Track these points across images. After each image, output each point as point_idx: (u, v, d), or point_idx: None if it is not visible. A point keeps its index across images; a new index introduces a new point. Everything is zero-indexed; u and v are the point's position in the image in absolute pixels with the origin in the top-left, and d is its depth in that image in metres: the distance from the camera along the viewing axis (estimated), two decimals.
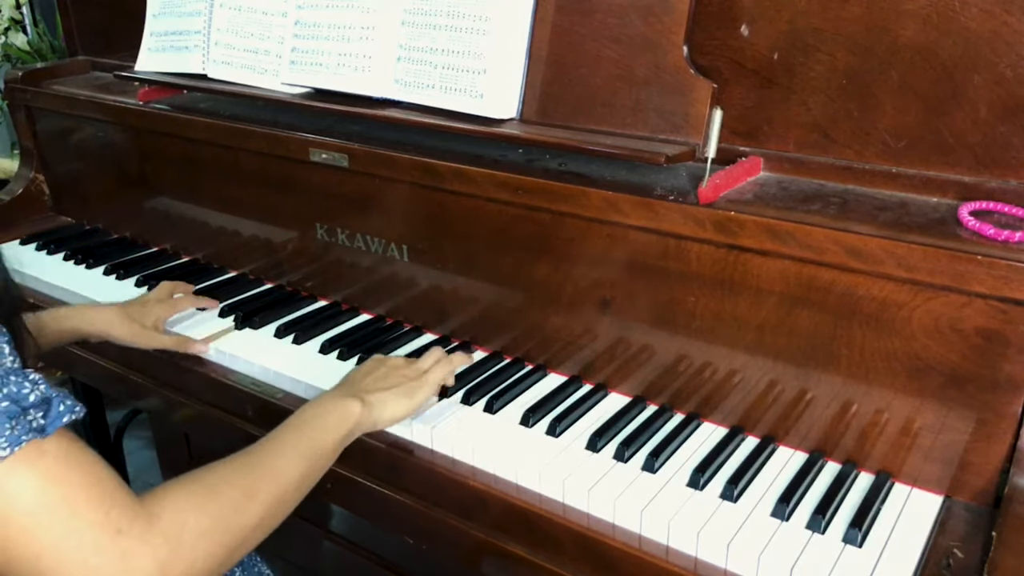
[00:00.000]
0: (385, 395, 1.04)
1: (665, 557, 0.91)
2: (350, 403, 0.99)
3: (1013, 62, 0.92)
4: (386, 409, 1.03)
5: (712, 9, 1.07)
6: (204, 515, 0.77)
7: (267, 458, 0.88)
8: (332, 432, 0.96)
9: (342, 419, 0.98)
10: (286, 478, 0.87)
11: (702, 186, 1.00)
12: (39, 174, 1.89)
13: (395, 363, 1.11)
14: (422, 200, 1.25)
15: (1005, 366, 0.88)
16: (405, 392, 1.06)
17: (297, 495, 0.89)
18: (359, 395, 1.02)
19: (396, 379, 1.07)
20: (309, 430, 0.94)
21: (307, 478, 0.91)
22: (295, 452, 0.90)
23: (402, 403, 1.05)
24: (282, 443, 0.91)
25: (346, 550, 1.94)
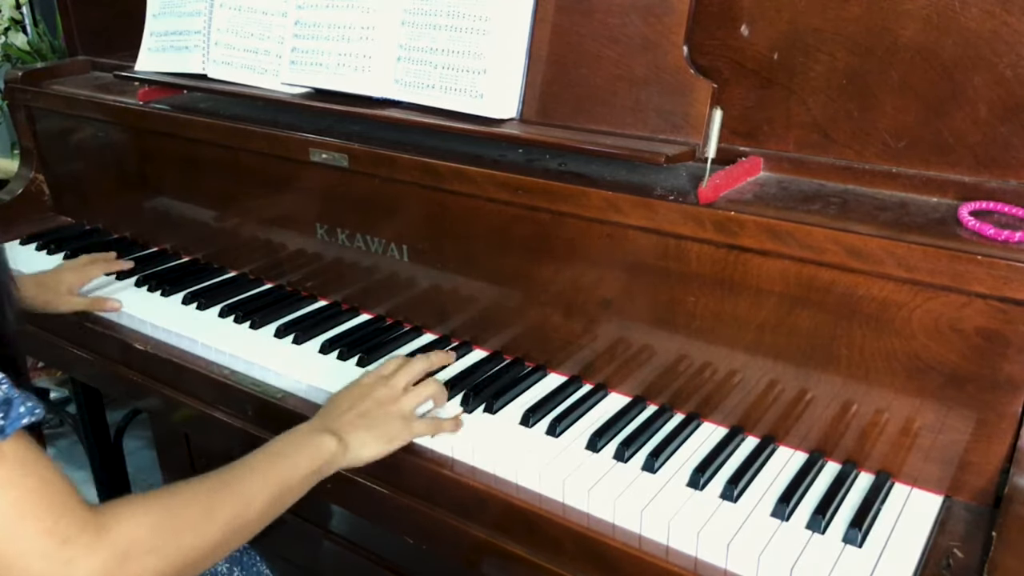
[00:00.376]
0: (365, 436, 1.01)
1: (665, 557, 0.91)
2: (327, 440, 0.98)
3: (1013, 62, 0.92)
4: (364, 450, 1.01)
5: (712, 9, 1.07)
6: (157, 532, 0.77)
7: (234, 483, 0.88)
8: (303, 467, 0.95)
9: (315, 455, 0.96)
10: (250, 505, 0.87)
11: (702, 186, 1.00)
12: (39, 174, 1.89)
13: (382, 395, 1.06)
14: (422, 200, 1.25)
15: (1005, 366, 0.88)
16: (385, 436, 1.03)
17: (259, 524, 0.88)
18: (338, 432, 1.00)
19: (380, 417, 1.04)
20: (281, 461, 0.93)
21: (272, 508, 0.90)
22: (263, 481, 0.89)
23: (380, 446, 1.02)
24: (251, 469, 0.90)
25: (346, 550, 1.94)
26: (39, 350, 1.64)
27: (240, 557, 1.31)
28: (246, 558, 1.32)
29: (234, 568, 1.29)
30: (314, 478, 0.96)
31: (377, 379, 1.09)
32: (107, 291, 1.52)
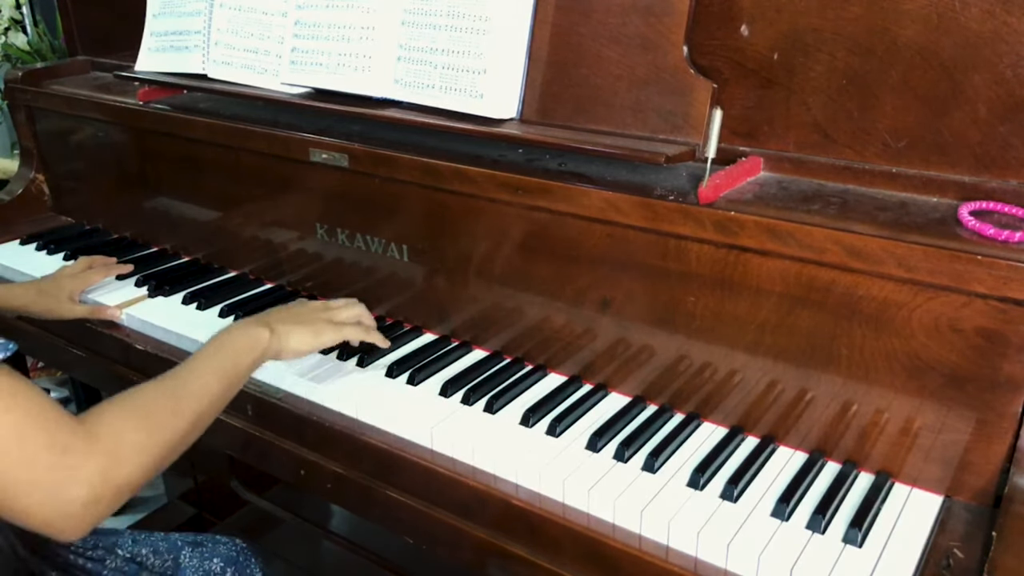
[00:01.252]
0: (293, 328, 1.13)
1: (665, 557, 0.91)
2: (260, 330, 1.09)
3: (1013, 62, 0.92)
4: (290, 340, 1.12)
5: (712, 9, 1.07)
6: (138, 432, 0.87)
7: (190, 381, 0.98)
8: (244, 356, 1.06)
9: (253, 345, 1.07)
10: (207, 398, 0.98)
11: (702, 186, 1.00)
12: (39, 174, 1.89)
13: (314, 306, 1.21)
14: (422, 200, 1.25)
15: (1005, 366, 0.88)
16: (312, 331, 1.14)
17: (214, 412, 1.00)
18: (270, 324, 1.11)
19: (309, 318, 1.16)
20: (225, 355, 1.04)
21: (223, 397, 1.02)
22: (213, 375, 1.00)
23: (307, 339, 1.14)
24: (202, 367, 1.01)
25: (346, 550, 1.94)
26: (39, 350, 1.64)
27: (236, 557, 1.31)
28: (241, 558, 1.32)
29: (228, 568, 1.29)
30: (254, 367, 1.08)
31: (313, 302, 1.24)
32: (107, 291, 1.52)
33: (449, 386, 1.17)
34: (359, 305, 1.26)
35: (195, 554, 1.29)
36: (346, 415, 1.16)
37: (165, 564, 1.27)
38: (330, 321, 1.18)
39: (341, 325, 1.19)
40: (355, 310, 1.25)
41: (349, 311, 1.23)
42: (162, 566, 1.26)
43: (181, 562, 1.28)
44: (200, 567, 1.28)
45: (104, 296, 1.49)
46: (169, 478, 2.32)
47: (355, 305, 1.26)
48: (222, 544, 1.32)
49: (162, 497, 2.43)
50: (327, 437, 1.15)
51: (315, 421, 1.16)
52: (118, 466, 0.84)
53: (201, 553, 1.30)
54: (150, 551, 1.27)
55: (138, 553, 1.26)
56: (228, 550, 1.31)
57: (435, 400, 1.16)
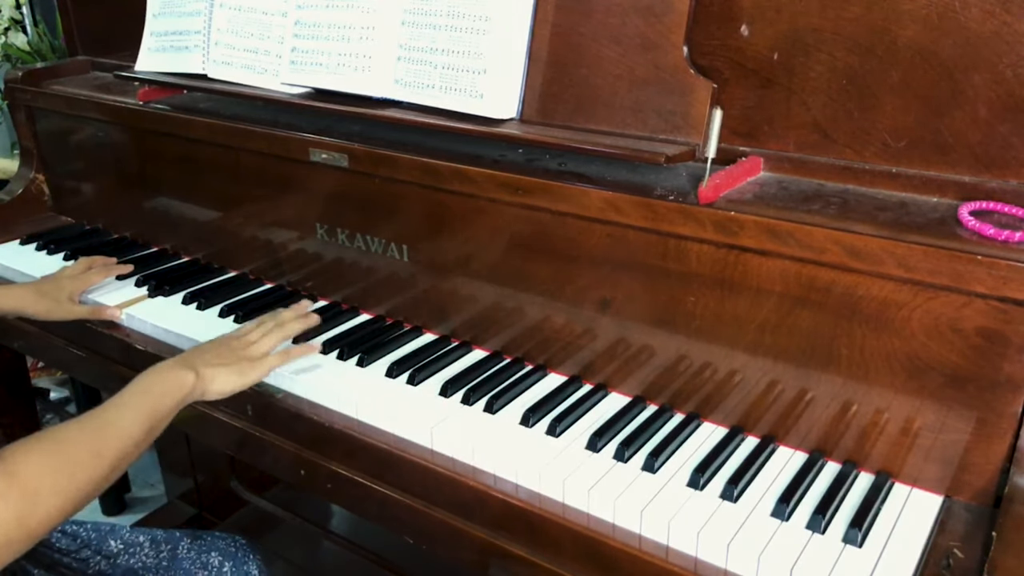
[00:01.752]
0: (218, 369, 1.13)
1: (665, 557, 0.91)
2: (186, 374, 1.09)
3: (1013, 62, 0.92)
4: (215, 382, 1.12)
5: (712, 9, 1.07)
6: (57, 474, 0.87)
7: (115, 421, 0.98)
8: (169, 398, 1.06)
9: (178, 387, 1.07)
10: (130, 439, 0.97)
11: (702, 186, 1.00)
12: (39, 174, 1.89)
13: (233, 345, 1.19)
14: (422, 200, 1.25)
15: (1005, 366, 0.88)
16: (237, 371, 1.14)
17: (137, 453, 0.99)
18: (195, 367, 1.10)
19: (231, 357, 1.16)
20: (150, 396, 1.04)
21: (146, 440, 1.01)
22: (137, 415, 1.00)
23: (232, 379, 1.14)
24: (126, 407, 1.01)
25: (346, 550, 1.94)
26: (39, 350, 1.64)
27: (234, 552, 1.31)
28: (240, 554, 1.32)
29: (226, 562, 1.29)
30: (176, 409, 1.07)
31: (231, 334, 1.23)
32: (107, 291, 1.52)
33: (449, 386, 1.17)
34: (278, 330, 1.24)
35: (193, 547, 1.29)
36: (346, 415, 1.16)
37: (161, 555, 1.27)
38: (252, 358, 1.18)
39: (263, 359, 1.18)
40: (275, 338, 1.22)
41: (269, 340, 1.21)
42: (157, 556, 1.27)
43: (179, 554, 1.28)
44: (198, 559, 1.28)
45: (104, 296, 1.49)
46: (169, 478, 2.32)
47: (274, 332, 1.23)
48: (220, 539, 1.33)
49: (162, 497, 2.43)
50: (327, 437, 1.15)
51: (315, 421, 1.16)
52: (34, 510, 0.84)
53: (199, 547, 1.30)
54: (147, 539, 1.28)
55: (133, 543, 1.26)
56: (227, 545, 1.32)
57: (435, 400, 1.16)
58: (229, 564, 1.29)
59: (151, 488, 2.58)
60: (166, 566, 1.26)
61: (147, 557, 1.26)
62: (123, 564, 1.24)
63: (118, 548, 1.25)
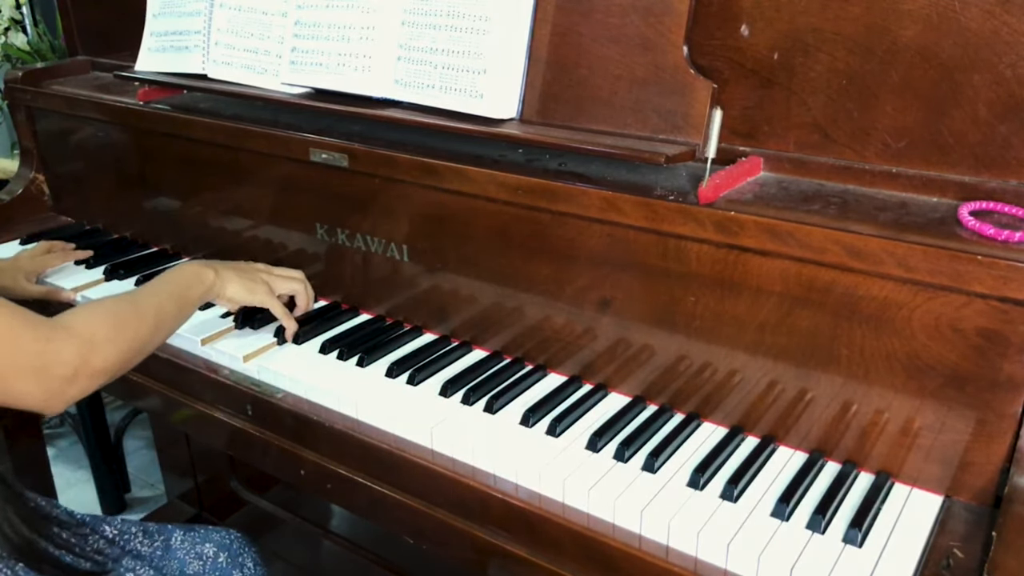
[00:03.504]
0: (234, 277, 1.27)
1: (665, 557, 0.91)
2: (207, 271, 1.25)
3: (1013, 62, 0.92)
4: (227, 287, 1.27)
5: (712, 9, 1.07)
6: (107, 327, 1.05)
7: (151, 297, 1.16)
8: (194, 288, 1.22)
9: (200, 281, 1.23)
10: (162, 313, 1.15)
11: (702, 186, 1.00)
12: (39, 174, 1.89)
13: (259, 266, 1.34)
14: (422, 200, 1.25)
15: (1005, 366, 0.88)
16: (248, 287, 1.28)
17: (169, 329, 1.18)
18: (216, 269, 1.26)
19: (251, 274, 1.30)
20: (177, 282, 1.21)
21: (176, 318, 1.18)
22: (168, 297, 1.18)
23: (241, 292, 1.28)
24: (159, 290, 1.18)
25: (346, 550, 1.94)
26: None
27: (229, 544, 1.31)
28: (236, 546, 1.32)
29: (221, 553, 1.29)
30: (200, 300, 1.24)
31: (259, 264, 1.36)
32: (103, 289, 1.52)
33: (449, 386, 1.17)
34: (300, 282, 1.36)
35: (187, 539, 1.29)
36: (346, 415, 1.16)
37: (155, 544, 1.27)
38: (267, 284, 1.31)
39: (272, 295, 1.31)
40: (294, 284, 1.35)
41: (288, 284, 1.34)
42: (151, 545, 1.27)
43: (172, 544, 1.28)
44: (192, 550, 1.28)
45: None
46: (169, 478, 2.32)
47: (296, 281, 1.36)
48: (215, 532, 1.32)
49: (162, 497, 2.43)
50: (327, 437, 1.15)
51: (315, 421, 1.16)
52: (92, 351, 1.01)
53: (192, 538, 1.29)
54: (139, 530, 1.28)
55: (126, 531, 1.26)
56: (222, 538, 1.31)
57: (435, 400, 1.16)
58: (224, 555, 1.29)
59: (151, 488, 2.58)
60: (160, 555, 1.26)
61: (141, 545, 1.26)
62: (120, 546, 1.25)
63: (112, 534, 1.25)
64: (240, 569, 1.29)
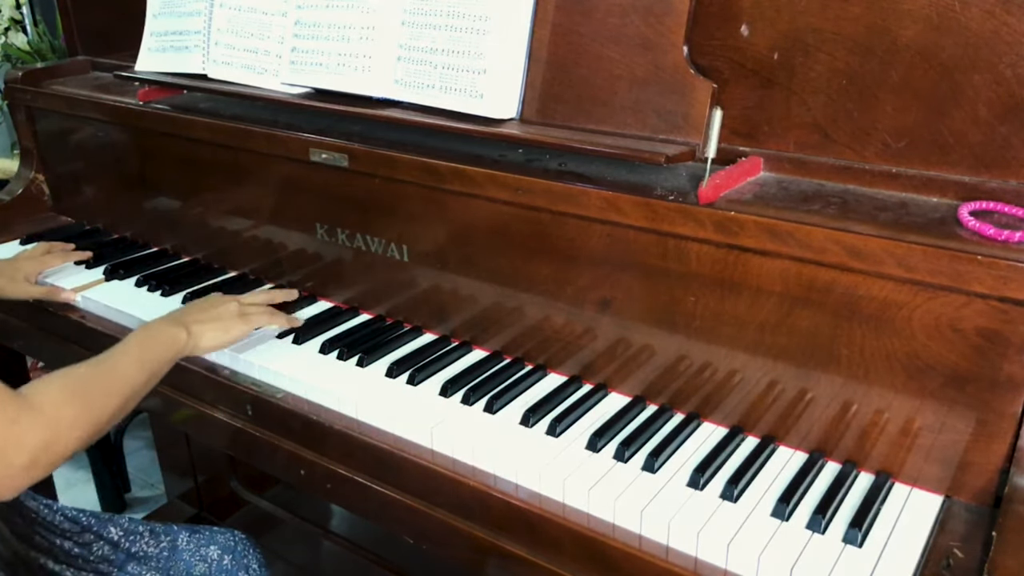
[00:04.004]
0: (205, 326, 1.22)
1: (665, 557, 0.91)
2: (178, 331, 1.19)
3: (1013, 62, 0.92)
4: (203, 339, 1.22)
5: (712, 9, 1.07)
6: (75, 408, 0.99)
7: (120, 367, 1.09)
8: (165, 352, 1.17)
9: (172, 343, 1.18)
10: (134, 383, 1.09)
11: (702, 186, 1.00)
12: (39, 174, 1.89)
13: (223, 300, 1.29)
14: (422, 200, 1.25)
15: (1005, 366, 0.88)
16: (222, 328, 1.24)
17: (137, 398, 1.11)
18: (186, 325, 1.21)
19: (218, 315, 1.25)
20: (148, 349, 1.15)
21: (146, 386, 1.12)
22: (140, 364, 1.11)
23: (218, 336, 1.23)
24: (128, 356, 1.12)
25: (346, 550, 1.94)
26: (39, 350, 1.64)
27: (234, 547, 1.32)
28: (240, 547, 1.32)
29: (225, 555, 1.30)
30: (172, 363, 1.18)
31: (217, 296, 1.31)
32: (104, 289, 1.52)
33: (449, 386, 1.17)
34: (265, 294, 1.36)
35: (192, 540, 1.30)
36: (346, 415, 1.16)
37: (160, 545, 1.27)
38: (237, 315, 1.27)
39: (248, 316, 1.27)
40: (261, 296, 1.34)
41: (257, 297, 1.34)
42: (157, 546, 1.27)
43: (178, 545, 1.28)
44: (197, 552, 1.29)
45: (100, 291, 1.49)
46: (169, 478, 2.32)
47: (260, 294, 1.36)
48: (219, 534, 1.33)
49: (162, 497, 2.43)
50: (327, 437, 1.15)
51: (315, 421, 1.16)
52: (57, 438, 0.96)
53: (198, 540, 1.30)
54: (146, 529, 1.28)
55: (133, 531, 1.27)
56: (226, 540, 1.32)
57: (435, 400, 1.16)
58: (229, 557, 1.30)
59: (151, 488, 2.58)
60: (167, 556, 1.27)
61: (147, 546, 1.27)
62: (125, 549, 1.25)
63: (118, 535, 1.26)
64: (245, 571, 1.30)
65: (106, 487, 2.46)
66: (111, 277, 1.56)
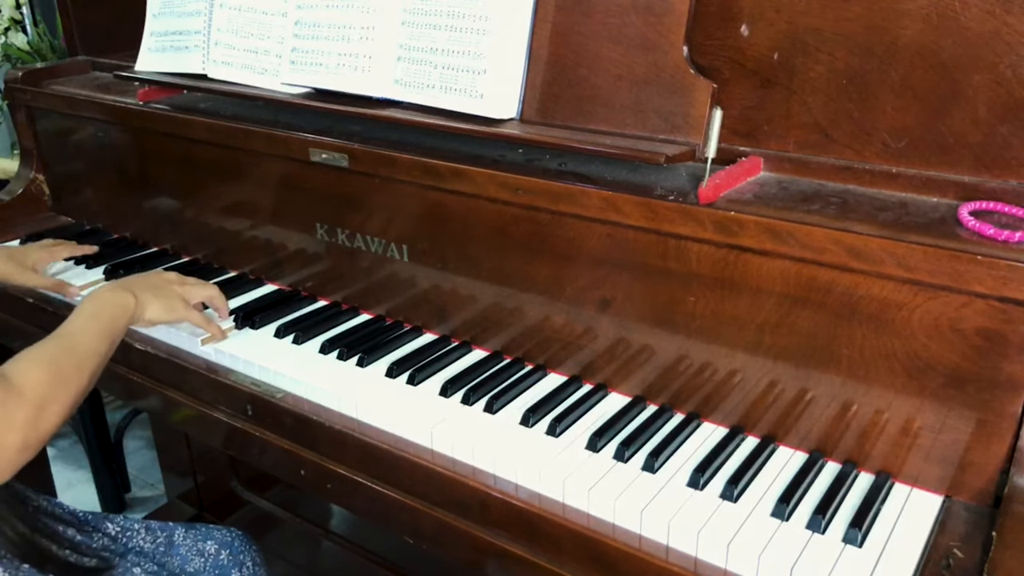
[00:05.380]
0: (152, 300, 1.25)
1: (665, 557, 0.91)
2: (127, 296, 1.22)
3: (1013, 62, 0.92)
4: (147, 310, 1.25)
5: (712, 9, 1.07)
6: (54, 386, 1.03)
7: (83, 340, 1.12)
8: (120, 319, 1.20)
9: (123, 309, 1.21)
10: (98, 354, 1.12)
11: (702, 186, 1.00)
12: (39, 174, 1.89)
13: (170, 278, 1.32)
14: (422, 200, 1.25)
15: (1005, 366, 0.88)
16: (166, 307, 1.27)
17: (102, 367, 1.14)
18: (134, 292, 1.23)
19: (166, 292, 1.28)
20: (103, 318, 1.17)
21: (108, 352, 1.15)
22: (99, 334, 1.14)
23: (160, 313, 1.26)
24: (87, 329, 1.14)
25: (346, 550, 1.94)
26: None
27: (231, 542, 1.32)
28: (237, 543, 1.33)
29: (222, 551, 1.30)
30: (126, 328, 1.21)
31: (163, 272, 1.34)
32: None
33: (449, 386, 1.17)
34: (212, 288, 1.35)
35: (188, 536, 1.30)
36: (346, 415, 1.16)
37: (157, 541, 1.28)
38: (182, 299, 1.29)
39: (189, 308, 1.30)
40: (208, 291, 1.34)
41: (203, 291, 1.34)
42: (153, 541, 1.28)
43: (175, 541, 1.29)
44: (194, 547, 1.29)
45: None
46: (169, 478, 2.32)
47: (209, 286, 1.35)
48: (217, 531, 1.33)
49: (162, 497, 2.43)
50: (327, 437, 1.15)
51: (315, 421, 1.16)
52: (42, 416, 0.99)
53: (194, 536, 1.31)
54: (142, 526, 1.29)
55: (129, 528, 1.27)
56: (224, 536, 1.32)
57: (435, 400, 1.16)
58: (225, 553, 1.30)
59: (151, 488, 2.58)
60: (163, 551, 1.27)
61: (144, 542, 1.27)
62: (123, 543, 1.25)
63: (115, 531, 1.26)
64: (240, 568, 1.30)
65: (106, 487, 2.46)
66: (111, 277, 1.56)
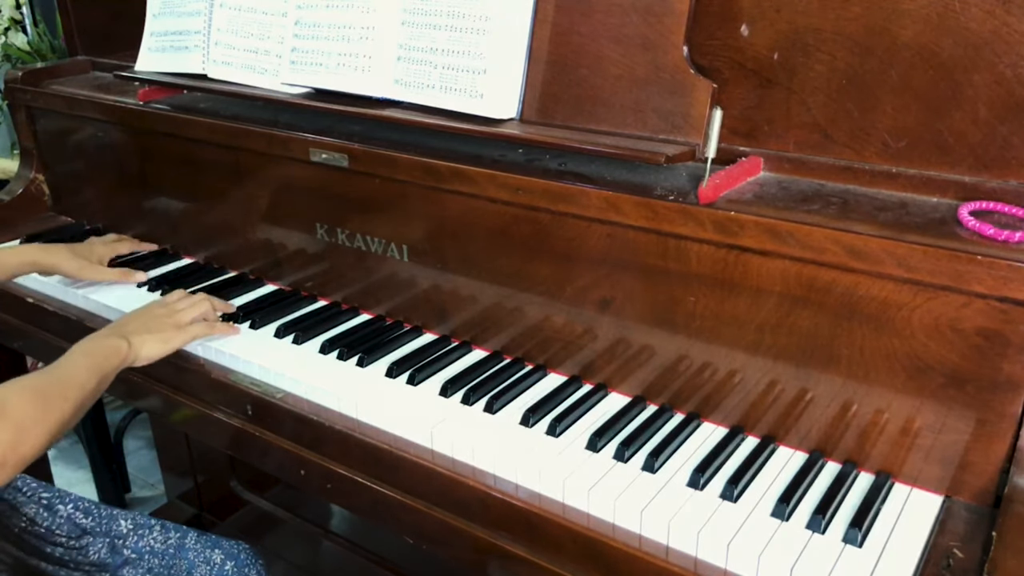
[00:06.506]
0: (145, 337, 1.26)
1: (665, 557, 0.91)
2: (119, 342, 1.23)
3: (1013, 62, 0.92)
4: (143, 349, 1.25)
5: (712, 9, 1.07)
6: (38, 412, 1.04)
7: (73, 375, 1.14)
8: (109, 362, 1.20)
9: (115, 354, 1.21)
10: (85, 389, 1.13)
11: (702, 186, 1.00)
12: (39, 174, 1.89)
13: (159, 312, 1.32)
14: (422, 200, 1.25)
15: (1005, 366, 0.88)
16: (161, 339, 1.27)
17: (89, 403, 1.15)
18: (126, 336, 1.24)
19: (157, 325, 1.29)
20: (95, 357, 1.19)
21: (95, 393, 1.16)
22: (88, 372, 1.16)
23: (157, 347, 1.27)
24: (77, 365, 1.16)
25: (346, 550, 1.94)
26: (39, 350, 1.64)
27: (237, 554, 1.32)
28: (243, 556, 1.33)
29: (228, 561, 1.30)
30: (116, 372, 1.22)
31: (157, 302, 1.36)
32: (107, 292, 1.52)
33: (449, 386, 1.17)
34: (204, 302, 1.36)
35: (199, 541, 1.32)
36: (346, 415, 1.16)
37: (168, 541, 1.29)
38: (177, 325, 1.30)
39: (187, 328, 1.30)
40: (199, 308, 1.34)
41: (194, 310, 1.34)
42: (165, 541, 1.29)
43: (186, 544, 1.30)
44: (202, 553, 1.31)
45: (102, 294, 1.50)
46: (169, 478, 2.32)
47: (200, 303, 1.35)
48: (225, 541, 1.34)
49: (162, 497, 2.43)
50: (327, 437, 1.15)
51: (315, 421, 1.16)
52: (22, 440, 1.01)
53: (204, 542, 1.33)
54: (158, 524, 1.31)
55: (143, 525, 1.29)
56: (231, 547, 1.33)
57: (435, 400, 1.16)
58: (231, 564, 1.30)
59: (151, 488, 2.58)
60: (172, 553, 1.28)
61: (155, 541, 1.28)
62: (130, 546, 1.26)
63: (127, 528, 1.27)
64: None
65: (106, 487, 2.46)
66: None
